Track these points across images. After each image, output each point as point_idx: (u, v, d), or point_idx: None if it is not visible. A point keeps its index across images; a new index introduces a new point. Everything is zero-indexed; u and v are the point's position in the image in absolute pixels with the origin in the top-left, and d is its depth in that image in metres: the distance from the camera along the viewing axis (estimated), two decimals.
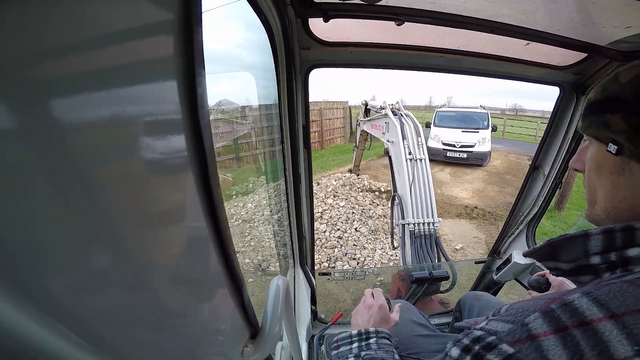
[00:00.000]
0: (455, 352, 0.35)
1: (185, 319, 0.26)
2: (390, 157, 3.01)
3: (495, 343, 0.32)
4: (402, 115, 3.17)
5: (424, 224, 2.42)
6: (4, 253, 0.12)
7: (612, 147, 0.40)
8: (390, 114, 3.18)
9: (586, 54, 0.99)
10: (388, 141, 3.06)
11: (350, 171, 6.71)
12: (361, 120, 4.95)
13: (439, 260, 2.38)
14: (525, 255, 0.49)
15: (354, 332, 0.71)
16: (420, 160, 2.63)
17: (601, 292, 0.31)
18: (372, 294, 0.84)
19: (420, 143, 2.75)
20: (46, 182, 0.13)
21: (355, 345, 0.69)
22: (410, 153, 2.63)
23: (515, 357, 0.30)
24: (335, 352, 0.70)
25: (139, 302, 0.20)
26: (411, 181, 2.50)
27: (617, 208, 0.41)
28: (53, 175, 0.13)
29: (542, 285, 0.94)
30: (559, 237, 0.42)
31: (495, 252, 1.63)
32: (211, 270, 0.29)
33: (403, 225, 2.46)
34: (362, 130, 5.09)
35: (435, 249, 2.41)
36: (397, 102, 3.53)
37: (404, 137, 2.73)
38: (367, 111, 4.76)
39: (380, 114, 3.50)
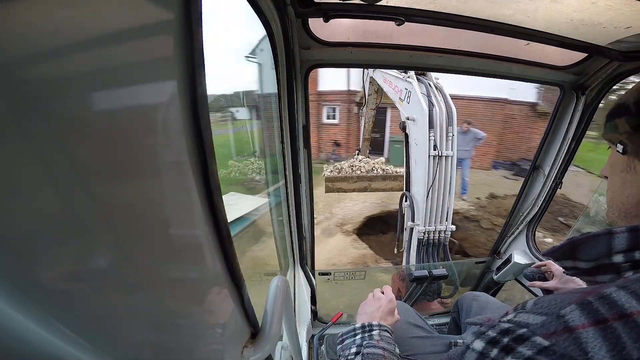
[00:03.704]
0: (479, 344, 0.34)
1: (185, 319, 0.26)
2: (406, 136, 2.28)
3: (527, 335, 0.31)
4: (429, 85, 2.20)
5: (435, 232, 2.10)
6: (4, 253, 0.12)
7: (620, 147, 0.43)
8: (415, 85, 2.16)
9: (586, 54, 0.99)
10: (408, 119, 2.21)
11: (358, 151, 4.41)
12: None
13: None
14: (544, 254, 0.50)
15: (358, 325, 0.75)
16: (447, 157, 2.06)
17: (638, 286, 0.30)
18: (382, 291, 0.88)
19: (450, 134, 2.06)
20: (47, 183, 0.13)
21: (358, 337, 0.72)
22: (435, 148, 2.02)
23: (550, 349, 0.29)
24: (340, 345, 0.73)
25: (139, 302, 0.20)
26: (431, 184, 2.05)
27: (626, 204, 0.44)
28: (54, 175, 0.13)
29: (536, 275, 0.96)
30: (580, 236, 0.42)
31: (495, 252, 1.63)
32: (211, 270, 0.29)
33: (411, 228, 2.19)
34: (371, 79, 3.32)
35: (442, 257, 2.20)
36: None
37: (431, 126, 2.01)
38: None
39: (398, 76, 2.42)
